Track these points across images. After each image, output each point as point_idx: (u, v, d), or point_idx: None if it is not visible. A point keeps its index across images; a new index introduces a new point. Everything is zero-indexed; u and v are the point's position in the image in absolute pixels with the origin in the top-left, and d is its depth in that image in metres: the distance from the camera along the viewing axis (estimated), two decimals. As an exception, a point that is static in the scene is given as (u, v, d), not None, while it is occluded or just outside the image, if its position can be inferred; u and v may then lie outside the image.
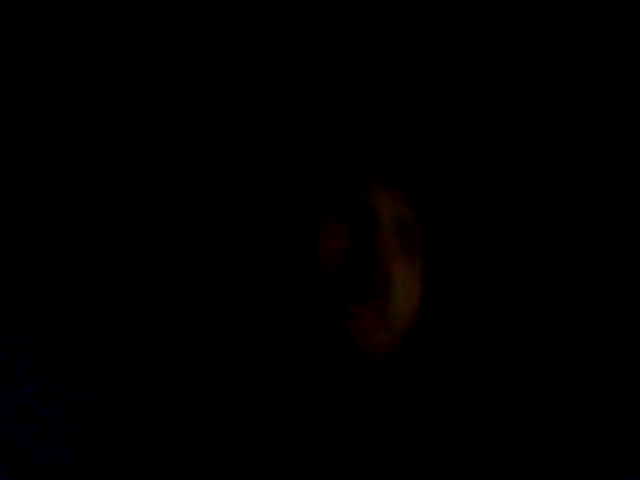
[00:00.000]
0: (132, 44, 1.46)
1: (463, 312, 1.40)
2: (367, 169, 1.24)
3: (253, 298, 1.27)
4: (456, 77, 1.45)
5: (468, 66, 1.46)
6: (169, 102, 1.44)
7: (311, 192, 1.26)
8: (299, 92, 1.40)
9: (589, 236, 1.48)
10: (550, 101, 1.49)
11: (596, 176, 1.48)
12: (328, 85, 1.40)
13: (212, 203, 1.38)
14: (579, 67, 1.49)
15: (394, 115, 1.34)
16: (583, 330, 1.46)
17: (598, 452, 1.40)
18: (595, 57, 1.50)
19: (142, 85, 1.46)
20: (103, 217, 1.41)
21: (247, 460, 1.18)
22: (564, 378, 1.44)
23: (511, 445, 1.35)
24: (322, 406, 1.21)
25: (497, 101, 1.47)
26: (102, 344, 1.33)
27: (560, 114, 1.49)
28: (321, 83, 1.41)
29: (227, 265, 1.32)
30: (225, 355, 1.27)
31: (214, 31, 1.46)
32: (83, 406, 1.29)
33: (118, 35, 1.47)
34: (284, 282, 1.23)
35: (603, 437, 1.41)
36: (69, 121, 1.45)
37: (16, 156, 1.43)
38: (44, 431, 1.27)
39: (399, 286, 1.20)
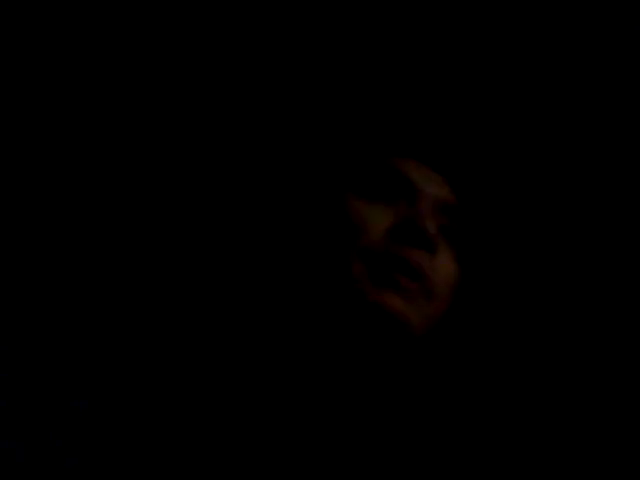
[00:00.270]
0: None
1: (498, 294, 1.42)
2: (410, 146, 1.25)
3: (294, 267, 1.26)
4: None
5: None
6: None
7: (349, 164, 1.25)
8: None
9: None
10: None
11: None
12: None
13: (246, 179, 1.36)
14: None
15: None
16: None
17: (602, 454, 1.40)
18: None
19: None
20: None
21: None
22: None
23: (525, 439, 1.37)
24: (359, 376, 1.23)
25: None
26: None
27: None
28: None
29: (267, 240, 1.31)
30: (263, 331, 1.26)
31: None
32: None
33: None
34: (325, 254, 1.22)
35: (607, 439, 1.41)
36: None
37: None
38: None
39: (438, 263, 1.22)
